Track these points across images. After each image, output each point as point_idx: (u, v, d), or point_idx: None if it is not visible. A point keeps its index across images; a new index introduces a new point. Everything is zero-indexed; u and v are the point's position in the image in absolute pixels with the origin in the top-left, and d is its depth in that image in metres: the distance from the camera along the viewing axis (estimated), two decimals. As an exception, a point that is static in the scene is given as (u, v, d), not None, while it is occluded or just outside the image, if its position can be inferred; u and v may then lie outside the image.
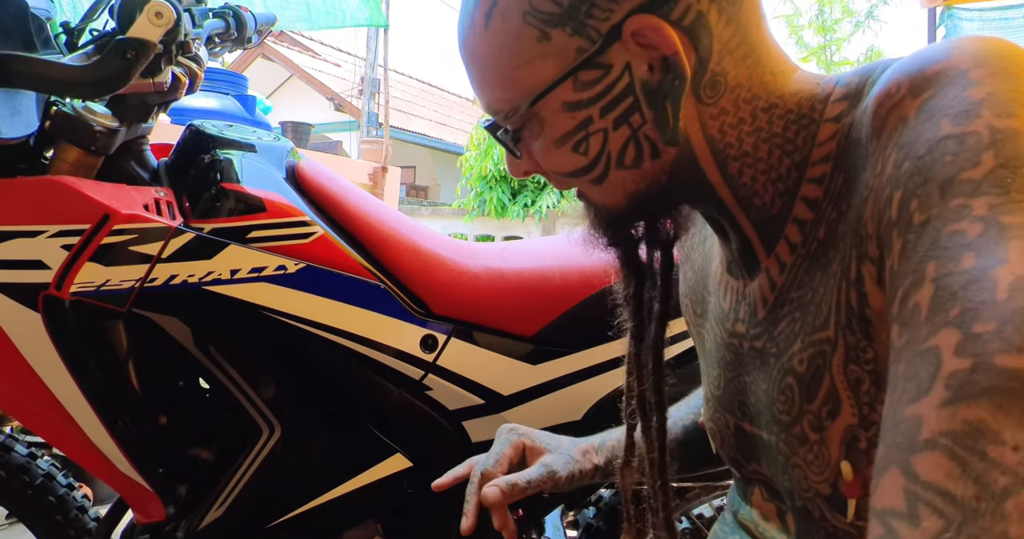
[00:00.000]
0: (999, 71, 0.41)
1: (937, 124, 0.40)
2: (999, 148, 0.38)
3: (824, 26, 8.97)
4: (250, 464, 0.97)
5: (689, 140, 0.52)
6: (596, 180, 0.54)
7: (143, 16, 0.81)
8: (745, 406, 0.60)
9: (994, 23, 4.64)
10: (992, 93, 0.40)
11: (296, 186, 1.01)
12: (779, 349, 0.53)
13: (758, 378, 0.57)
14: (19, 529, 1.49)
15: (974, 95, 0.40)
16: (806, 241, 0.51)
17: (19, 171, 0.89)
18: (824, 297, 0.49)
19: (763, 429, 0.57)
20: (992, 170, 0.37)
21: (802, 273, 0.52)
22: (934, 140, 0.40)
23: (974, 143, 0.38)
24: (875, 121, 0.45)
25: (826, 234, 0.49)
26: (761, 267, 0.56)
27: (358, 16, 3.79)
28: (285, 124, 4.59)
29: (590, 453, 0.80)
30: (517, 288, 1.04)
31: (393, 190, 4.48)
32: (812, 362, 0.50)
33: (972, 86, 0.40)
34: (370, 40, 7.18)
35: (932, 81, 0.42)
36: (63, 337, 0.88)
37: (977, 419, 0.32)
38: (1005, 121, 0.39)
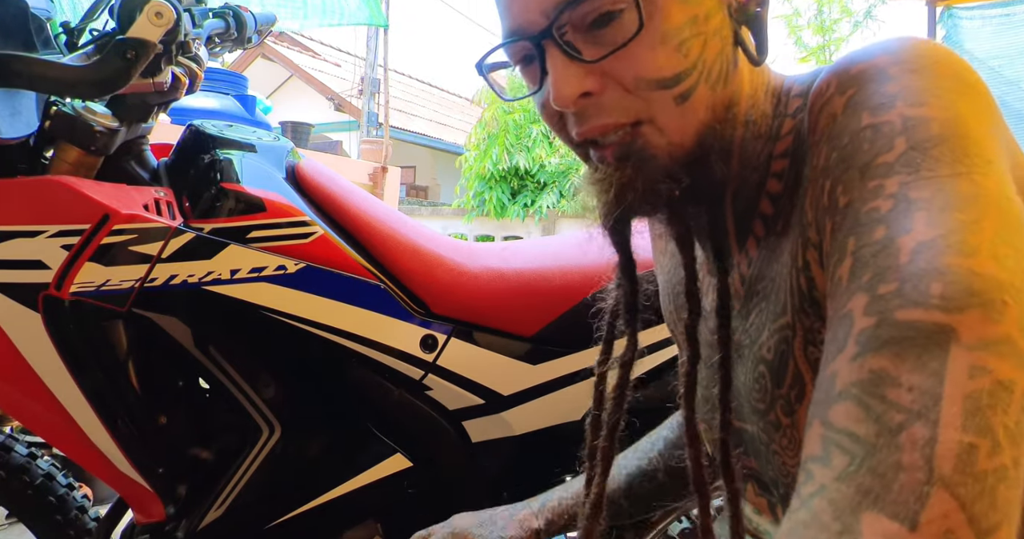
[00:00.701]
0: (915, 67, 0.45)
1: (858, 117, 0.45)
2: (910, 134, 0.42)
3: (823, 26, 8.97)
4: (250, 464, 0.97)
5: (741, 82, 0.53)
6: (684, 95, 0.49)
7: (143, 16, 0.81)
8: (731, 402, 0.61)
9: (995, 21, 4.63)
10: (906, 86, 0.44)
11: (296, 186, 1.01)
12: (751, 340, 0.55)
13: (738, 372, 0.58)
14: (19, 529, 1.49)
15: (890, 89, 0.44)
16: (768, 235, 0.54)
17: (19, 171, 0.89)
18: (781, 285, 0.51)
19: (746, 421, 0.59)
20: (904, 153, 0.41)
21: (764, 265, 0.54)
22: (855, 131, 0.44)
23: (888, 131, 0.43)
24: (811, 117, 0.49)
25: (782, 227, 0.52)
26: (733, 262, 0.58)
27: (358, 15, 3.79)
28: (285, 124, 4.59)
29: (528, 520, 0.82)
30: (517, 288, 1.04)
31: (393, 190, 4.48)
32: (778, 348, 0.52)
33: (889, 81, 0.45)
34: (370, 40, 7.17)
35: (856, 79, 0.46)
36: (63, 337, 0.88)
37: (880, 367, 0.36)
38: (916, 110, 0.43)
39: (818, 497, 0.35)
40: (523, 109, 8.17)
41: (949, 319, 0.35)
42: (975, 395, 0.34)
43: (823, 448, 0.36)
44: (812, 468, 0.36)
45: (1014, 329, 0.35)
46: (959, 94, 0.44)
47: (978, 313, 0.35)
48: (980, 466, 0.32)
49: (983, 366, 0.34)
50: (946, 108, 0.43)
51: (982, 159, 0.41)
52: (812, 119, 0.49)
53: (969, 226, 0.38)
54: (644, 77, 0.49)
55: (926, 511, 0.32)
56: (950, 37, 4.46)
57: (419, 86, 14.90)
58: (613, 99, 0.50)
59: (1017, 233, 0.39)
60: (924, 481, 0.32)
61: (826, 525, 0.34)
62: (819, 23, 9.02)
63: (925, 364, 0.35)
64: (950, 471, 0.32)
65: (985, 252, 0.37)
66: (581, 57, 0.49)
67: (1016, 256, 0.37)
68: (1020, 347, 0.35)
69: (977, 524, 0.32)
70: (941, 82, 0.44)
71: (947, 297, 0.36)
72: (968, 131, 0.42)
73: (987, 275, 0.36)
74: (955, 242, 0.37)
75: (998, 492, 0.32)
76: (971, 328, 0.35)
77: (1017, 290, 0.36)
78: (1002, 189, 0.40)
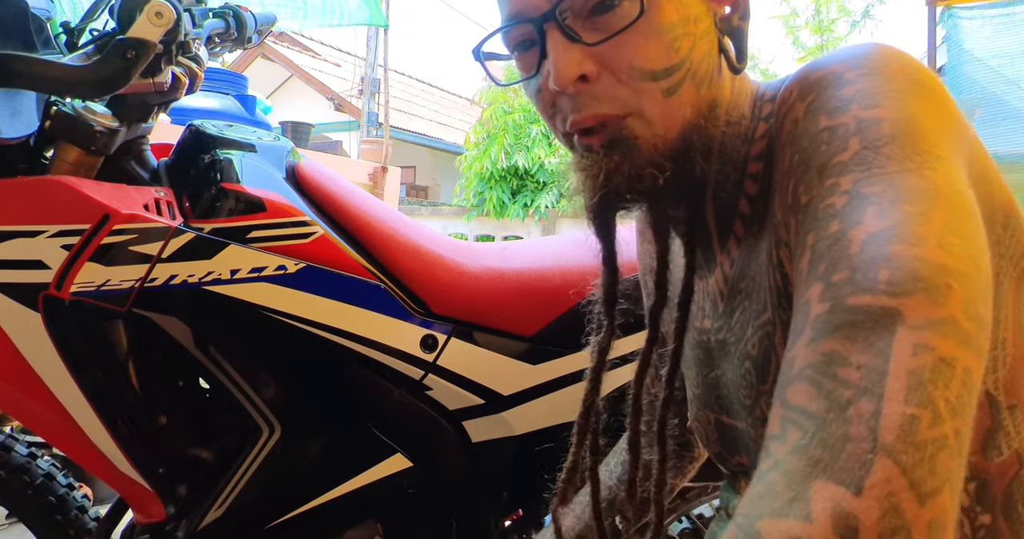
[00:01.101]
0: (869, 71, 0.47)
1: (817, 120, 0.47)
2: (863, 134, 0.44)
3: (821, 26, 8.97)
4: (250, 464, 0.97)
5: (723, 87, 0.56)
6: (672, 89, 0.52)
7: (143, 16, 0.81)
8: (720, 399, 0.63)
9: (995, 20, 4.63)
10: (860, 90, 0.46)
11: (296, 186, 1.01)
12: (737, 337, 0.57)
13: (726, 369, 0.60)
14: (19, 529, 1.49)
15: (846, 93, 0.47)
16: (747, 235, 0.56)
17: (19, 171, 0.89)
18: (761, 283, 0.54)
19: (736, 419, 0.60)
20: (857, 152, 0.44)
21: (744, 264, 0.56)
22: (814, 134, 0.47)
23: (843, 132, 0.45)
24: (776, 122, 0.52)
25: (759, 227, 0.55)
26: (716, 262, 0.60)
27: (358, 15, 3.79)
28: (285, 124, 4.59)
29: None
30: (517, 288, 1.04)
31: (393, 190, 4.48)
32: (761, 344, 0.54)
33: (845, 86, 0.47)
34: (370, 40, 7.17)
35: (815, 85, 0.49)
36: (63, 337, 0.88)
37: (832, 349, 0.38)
38: (869, 112, 0.45)
39: (774, 470, 0.37)
40: (523, 109, 8.17)
41: (895, 303, 0.38)
42: (918, 371, 0.36)
43: (780, 426, 0.39)
44: (770, 445, 0.39)
45: (958, 311, 0.38)
46: (911, 95, 0.46)
47: (923, 296, 0.38)
48: (921, 436, 0.35)
49: (926, 344, 0.37)
50: (898, 108, 0.45)
51: (931, 155, 0.43)
52: (778, 124, 0.52)
53: (917, 217, 0.40)
54: (637, 66, 0.52)
55: (870, 477, 0.34)
56: (950, 37, 4.46)
57: (419, 86, 14.90)
58: (606, 88, 0.52)
59: (965, 223, 0.41)
60: (868, 450, 0.34)
61: (779, 494, 0.36)
62: (817, 23, 9.01)
63: (873, 344, 0.37)
64: (892, 440, 0.34)
65: (932, 241, 0.39)
66: (582, 40, 0.52)
67: (963, 244, 0.40)
68: (964, 327, 0.37)
69: (918, 488, 0.34)
70: (894, 84, 0.46)
71: (894, 283, 0.38)
72: (918, 129, 0.44)
73: (933, 261, 0.38)
74: (903, 232, 0.40)
75: (938, 459, 0.34)
76: (916, 310, 0.37)
77: (962, 275, 0.39)
78: (952, 182, 0.42)
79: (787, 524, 0.34)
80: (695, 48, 0.53)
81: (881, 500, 0.33)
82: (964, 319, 0.38)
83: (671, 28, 0.52)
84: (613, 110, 0.52)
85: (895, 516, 0.33)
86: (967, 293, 0.38)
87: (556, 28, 0.52)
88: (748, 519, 0.36)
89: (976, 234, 0.41)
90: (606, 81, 0.52)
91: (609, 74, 0.52)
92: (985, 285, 0.40)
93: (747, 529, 0.36)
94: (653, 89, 0.52)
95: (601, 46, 0.52)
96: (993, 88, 4.40)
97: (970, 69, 4.40)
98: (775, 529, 0.35)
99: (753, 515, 0.36)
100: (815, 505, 0.34)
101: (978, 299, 0.39)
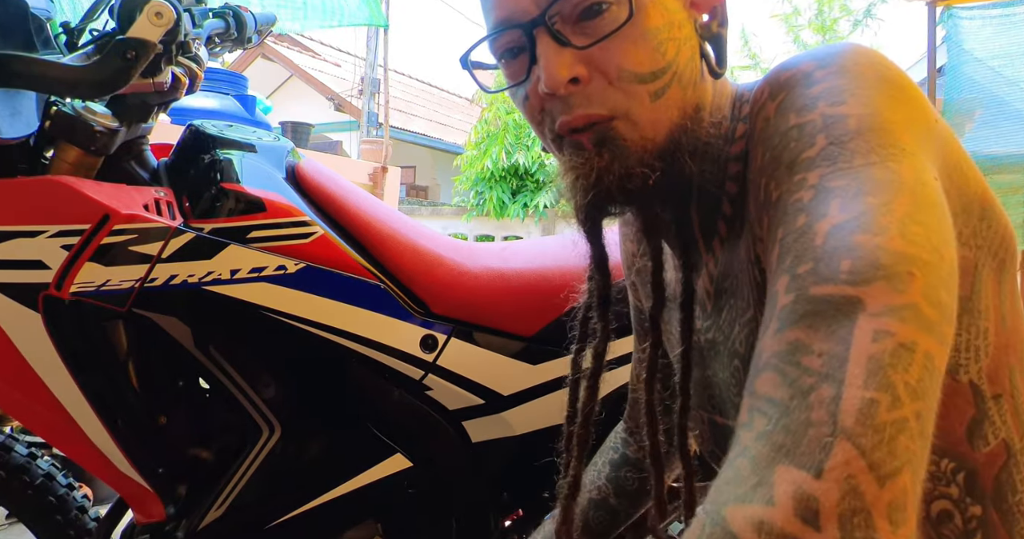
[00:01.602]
0: (837, 69, 0.48)
1: (786, 118, 0.49)
2: (829, 130, 0.46)
3: (823, 25, 8.97)
4: (250, 464, 0.97)
5: (705, 90, 0.57)
6: (659, 92, 0.54)
7: (143, 16, 0.81)
8: (713, 399, 0.63)
9: (995, 20, 4.62)
10: (828, 88, 0.48)
11: (296, 186, 1.01)
12: (725, 336, 0.58)
13: (717, 369, 0.60)
14: (19, 529, 1.49)
15: (813, 91, 0.48)
16: (729, 234, 0.57)
17: (19, 171, 0.89)
18: (743, 281, 0.55)
19: (729, 418, 0.61)
20: (824, 148, 0.45)
21: (728, 263, 0.57)
22: (784, 131, 0.48)
23: (811, 129, 0.46)
24: (751, 122, 0.53)
25: (739, 226, 0.56)
26: (703, 262, 0.60)
27: (358, 16, 3.79)
28: (285, 124, 4.59)
29: None
30: (517, 288, 1.04)
31: (393, 190, 4.48)
32: (748, 342, 0.55)
33: (813, 84, 0.48)
34: (370, 40, 7.17)
35: (785, 85, 0.50)
36: (63, 337, 0.88)
37: (795, 338, 0.39)
38: (836, 108, 0.46)
39: (740, 457, 0.38)
40: (523, 109, 8.14)
41: (856, 291, 0.39)
42: (877, 356, 0.37)
43: (748, 415, 0.40)
44: (739, 433, 0.39)
45: (918, 297, 0.38)
46: (878, 92, 0.47)
47: (884, 284, 0.38)
48: (880, 418, 0.35)
49: (886, 330, 0.37)
50: (864, 104, 0.46)
51: (896, 148, 0.44)
52: (751, 124, 0.53)
53: (879, 208, 0.41)
54: (627, 68, 0.53)
55: (830, 460, 0.34)
56: (950, 37, 4.46)
57: (419, 86, 14.90)
58: (596, 90, 0.54)
59: (929, 212, 0.42)
60: (828, 434, 0.35)
61: (744, 479, 0.36)
62: (819, 22, 9.01)
63: (834, 332, 0.38)
64: (852, 424, 0.35)
65: (894, 230, 0.40)
66: (572, 44, 0.53)
67: (926, 232, 0.40)
68: (924, 313, 0.38)
69: (877, 470, 0.34)
70: (861, 81, 0.47)
71: (855, 272, 0.39)
72: (884, 124, 0.45)
73: (894, 250, 0.39)
74: (865, 222, 0.41)
75: (898, 441, 0.35)
76: (876, 298, 0.38)
77: (924, 263, 0.39)
78: (916, 174, 0.43)
79: (751, 509, 0.35)
80: (680, 52, 0.54)
81: (840, 482, 0.34)
82: (926, 305, 0.38)
83: (657, 32, 0.53)
84: (603, 111, 0.54)
85: (854, 497, 0.34)
86: (929, 280, 0.39)
87: (546, 33, 0.53)
88: (715, 505, 0.37)
89: (940, 223, 0.42)
90: (597, 83, 0.54)
91: (600, 76, 0.53)
92: (949, 273, 0.41)
93: (714, 515, 0.36)
94: (641, 92, 0.53)
95: (591, 50, 0.53)
96: (993, 88, 4.40)
97: (970, 69, 4.40)
98: (739, 514, 0.35)
99: (719, 501, 0.37)
100: (777, 489, 0.35)
101: (940, 286, 0.39)
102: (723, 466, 0.39)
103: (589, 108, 0.54)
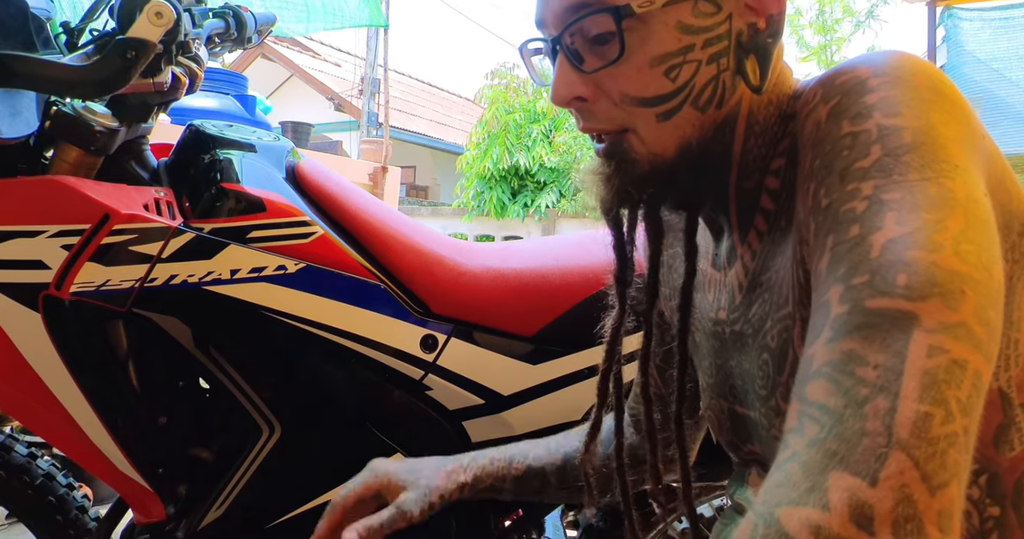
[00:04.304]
0: (893, 79, 0.49)
1: (839, 125, 0.49)
2: (884, 141, 0.46)
3: (825, 26, 8.96)
4: (250, 464, 0.97)
5: (741, 103, 0.57)
6: (667, 114, 0.55)
7: (143, 16, 0.81)
8: (734, 389, 0.64)
9: (995, 23, 4.62)
10: (883, 97, 0.48)
11: (296, 186, 1.01)
12: (755, 329, 0.59)
13: (741, 360, 0.61)
14: (19, 529, 1.49)
15: (868, 100, 0.48)
16: (771, 230, 0.58)
17: (19, 171, 0.89)
18: (784, 277, 0.55)
19: (750, 408, 0.62)
20: (879, 159, 0.45)
21: (768, 258, 0.58)
22: (836, 138, 0.48)
23: (865, 138, 0.47)
24: (800, 123, 0.53)
25: (785, 223, 0.56)
26: (737, 255, 0.61)
27: (358, 16, 3.79)
28: (285, 124, 4.59)
29: (456, 472, 0.82)
30: (517, 288, 1.04)
31: (393, 190, 4.48)
32: (780, 337, 0.55)
33: (868, 93, 0.49)
34: (370, 40, 7.17)
35: (839, 89, 0.50)
36: (63, 337, 0.88)
37: (850, 349, 0.40)
38: (891, 120, 0.47)
39: (791, 461, 0.39)
40: (523, 109, 8.16)
41: (912, 306, 0.40)
42: (932, 371, 0.38)
43: (799, 421, 0.41)
44: (788, 438, 0.41)
45: (970, 316, 0.40)
46: (932, 104, 0.47)
47: (938, 301, 0.40)
48: (934, 432, 0.37)
49: (940, 346, 0.39)
50: (918, 117, 0.46)
51: (949, 165, 0.45)
52: (800, 125, 0.53)
53: (934, 225, 0.42)
54: (628, 94, 0.55)
55: (885, 469, 0.36)
56: (950, 38, 4.47)
57: (419, 86, 14.90)
58: (602, 109, 0.56)
59: (980, 231, 0.43)
60: (884, 444, 0.37)
61: (797, 483, 0.38)
62: (821, 23, 9.01)
63: (889, 345, 0.39)
64: (907, 436, 0.36)
65: (948, 248, 0.41)
66: (580, 67, 0.56)
67: (977, 251, 0.41)
68: (975, 332, 0.39)
69: (929, 481, 0.36)
70: (916, 93, 0.48)
71: (911, 287, 0.40)
72: (937, 139, 0.46)
73: (948, 268, 0.40)
74: (921, 239, 0.41)
75: (949, 455, 0.37)
76: (931, 314, 0.39)
77: (976, 282, 0.40)
78: (969, 191, 0.44)
79: (806, 512, 0.36)
80: (699, 74, 0.55)
81: (895, 490, 0.35)
82: (976, 324, 0.40)
83: (667, 59, 0.54)
84: (608, 126, 0.57)
85: (908, 505, 0.35)
86: (979, 299, 0.40)
87: (562, 50, 0.56)
88: (767, 507, 0.38)
89: (991, 242, 0.43)
90: (603, 103, 0.56)
91: (605, 97, 0.56)
92: (997, 292, 0.42)
93: (766, 516, 0.38)
94: (646, 113, 0.55)
95: (598, 73, 0.55)
96: (993, 88, 4.40)
97: (970, 69, 4.41)
98: (794, 516, 0.36)
99: (771, 502, 0.38)
100: (832, 494, 0.36)
101: (989, 306, 0.41)
102: (771, 469, 0.40)
103: (596, 124, 0.57)
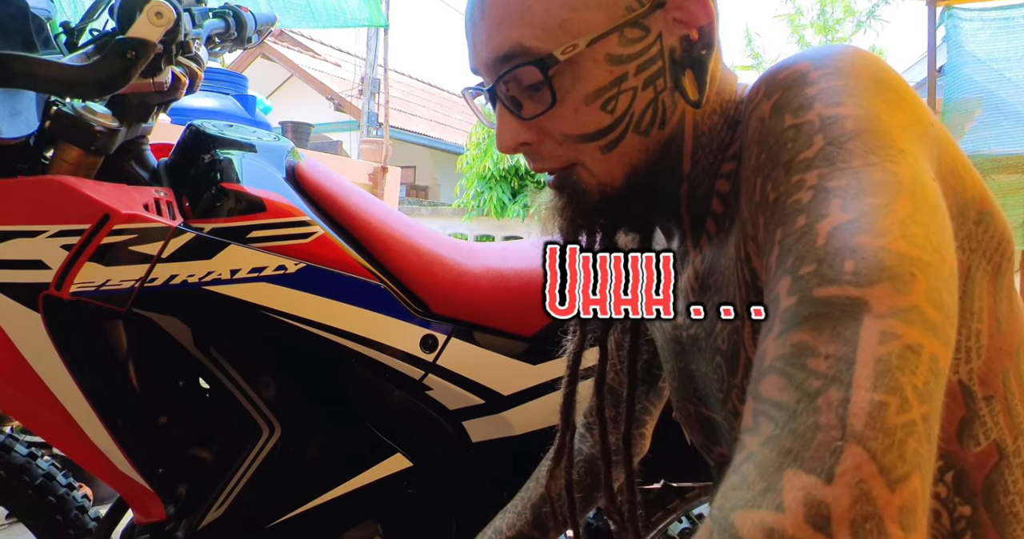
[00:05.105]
0: (834, 70, 0.48)
1: (782, 119, 0.48)
2: (827, 131, 0.45)
3: (826, 26, 8.96)
4: (250, 464, 0.97)
5: (684, 118, 0.57)
6: (610, 145, 0.55)
7: (143, 16, 0.81)
8: (698, 392, 0.64)
9: (995, 23, 4.62)
10: (824, 89, 0.47)
11: (296, 186, 1.01)
12: (707, 332, 0.59)
13: (700, 363, 0.61)
14: (19, 529, 1.49)
15: (809, 92, 0.48)
16: (718, 232, 0.58)
17: (19, 171, 0.89)
18: (729, 278, 0.55)
19: (713, 411, 0.62)
20: (822, 148, 0.45)
21: (714, 260, 0.58)
22: (780, 131, 0.48)
23: (808, 129, 0.46)
24: (744, 120, 0.53)
25: (729, 224, 0.56)
26: (689, 259, 0.61)
27: (358, 16, 3.79)
28: (285, 124, 4.59)
29: None
30: (517, 288, 1.04)
31: (393, 190, 4.48)
32: (730, 338, 0.55)
33: (809, 85, 0.48)
34: (370, 40, 7.17)
35: (780, 84, 0.50)
36: (63, 337, 0.88)
37: (800, 341, 0.39)
38: (833, 109, 0.46)
39: (747, 463, 0.37)
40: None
41: (861, 292, 0.38)
42: (885, 358, 0.36)
43: (754, 419, 0.39)
44: (744, 438, 0.39)
45: (922, 299, 0.38)
46: (874, 93, 0.47)
47: (887, 285, 0.38)
48: (890, 422, 0.35)
49: (892, 332, 0.37)
50: (860, 106, 0.46)
51: (894, 149, 0.44)
52: (746, 123, 0.53)
53: (880, 209, 0.41)
54: (569, 133, 0.56)
55: (840, 464, 0.34)
56: (950, 37, 4.46)
57: (419, 86, 14.89)
58: (548, 149, 0.57)
59: (928, 213, 0.42)
60: (838, 438, 0.35)
61: (752, 485, 0.36)
62: (822, 22, 9.01)
63: (840, 334, 0.38)
64: (862, 427, 0.35)
65: (895, 232, 0.40)
66: (519, 114, 0.56)
67: (926, 234, 0.40)
68: (928, 315, 0.38)
69: (888, 474, 0.34)
70: (857, 82, 0.47)
71: (859, 273, 0.39)
72: (881, 126, 0.45)
73: (896, 251, 0.39)
74: (867, 223, 0.40)
75: (907, 445, 0.35)
76: (881, 299, 0.38)
77: (925, 264, 0.39)
78: (915, 175, 0.43)
79: (760, 515, 0.34)
80: (636, 100, 0.55)
81: (852, 487, 0.33)
82: (929, 307, 0.38)
83: (601, 93, 0.54)
84: (556, 165, 0.58)
85: (866, 503, 0.33)
86: (931, 282, 0.39)
87: (499, 99, 0.57)
88: (722, 512, 0.36)
89: (940, 224, 0.42)
90: (547, 144, 0.57)
91: (548, 138, 0.57)
92: (949, 274, 0.41)
93: (721, 521, 0.36)
94: (590, 148, 0.56)
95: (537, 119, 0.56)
96: (993, 88, 4.40)
97: (970, 69, 4.40)
98: (748, 520, 0.35)
99: (727, 507, 0.36)
100: (787, 494, 0.34)
101: (942, 288, 0.39)
102: (728, 471, 0.38)
103: (544, 164, 0.58)
